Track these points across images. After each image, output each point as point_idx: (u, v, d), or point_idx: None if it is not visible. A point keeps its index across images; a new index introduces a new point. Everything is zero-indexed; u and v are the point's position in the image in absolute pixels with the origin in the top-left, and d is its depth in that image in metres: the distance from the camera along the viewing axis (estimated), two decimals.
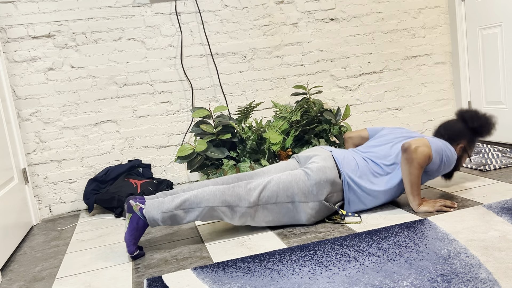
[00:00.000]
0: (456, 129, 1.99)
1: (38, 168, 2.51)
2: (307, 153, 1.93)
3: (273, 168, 1.94)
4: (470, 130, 1.99)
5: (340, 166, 1.83)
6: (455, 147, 1.98)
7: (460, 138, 1.98)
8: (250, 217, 1.76)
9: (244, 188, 1.75)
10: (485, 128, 1.98)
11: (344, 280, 1.30)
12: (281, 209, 1.78)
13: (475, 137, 2.01)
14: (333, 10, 2.91)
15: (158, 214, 1.69)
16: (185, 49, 2.68)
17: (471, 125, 1.99)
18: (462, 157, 2.01)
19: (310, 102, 2.55)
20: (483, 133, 1.99)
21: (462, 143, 1.98)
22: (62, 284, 1.56)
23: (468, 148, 2.01)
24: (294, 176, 1.78)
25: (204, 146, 2.26)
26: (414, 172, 1.77)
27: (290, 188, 1.76)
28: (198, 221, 1.76)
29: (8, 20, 2.40)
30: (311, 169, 1.79)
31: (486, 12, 2.84)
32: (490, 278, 1.21)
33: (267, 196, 1.75)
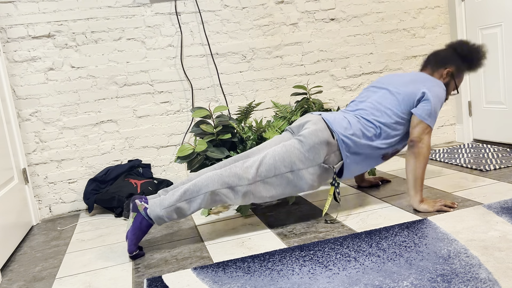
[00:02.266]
0: (444, 54, 1.99)
1: (38, 168, 2.51)
2: (298, 122, 1.92)
3: (268, 143, 1.93)
4: (458, 56, 1.98)
5: (332, 126, 1.81)
6: (442, 72, 1.97)
7: (447, 62, 1.97)
8: (253, 194, 1.75)
9: (241, 167, 1.75)
10: (474, 54, 1.96)
11: (344, 280, 1.30)
12: (281, 180, 1.77)
13: (463, 64, 1.98)
14: (333, 10, 2.91)
15: (161, 210, 1.69)
16: (185, 49, 2.68)
17: (459, 51, 1.97)
18: (449, 84, 1.99)
19: (310, 102, 2.56)
20: (472, 60, 1.97)
21: (450, 68, 1.96)
22: (62, 284, 1.56)
23: (456, 75, 1.98)
24: (289, 146, 1.78)
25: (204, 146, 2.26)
26: (420, 166, 1.79)
27: (287, 158, 1.75)
28: (201, 209, 1.75)
29: (8, 20, 2.40)
30: (303, 135, 1.78)
31: (486, 12, 2.84)
32: (490, 278, 1.21)
33: (265, 170, 1.74)
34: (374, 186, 2.33)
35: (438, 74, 1.98)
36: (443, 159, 2.67)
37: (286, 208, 2.15)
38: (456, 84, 1.99)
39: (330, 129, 1.81)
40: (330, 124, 1.82)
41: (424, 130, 1.81)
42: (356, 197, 2.18)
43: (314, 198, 2.25)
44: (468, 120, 3.10)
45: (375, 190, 2.25)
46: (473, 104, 3.06)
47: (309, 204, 2.16)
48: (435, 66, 1.98)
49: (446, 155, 2.76)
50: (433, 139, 3.20)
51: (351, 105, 2.01)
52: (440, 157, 2.72)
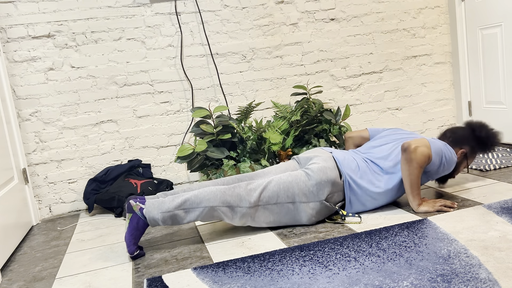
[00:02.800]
0: (461, 134, 2.00)
1: (38, 168, 2.51)
2: (307, 154, 1.93)
3: (274, 169, 1.95)
4: (475, 138, 2.00)
5: (341, 167, 1.83)
6: (456, 151, 1.99)
7: (463, 143, 1.99)
8: (251, 217, 1.77)
9: (245, 189, 1.76)
10: (490, 139, 1.99)
11: (344, 280, 1.30)
12: (281, 209, 1.78)
13: (478, 147, 2.01)
14: (333, 10, 2.91)
15: (158, 214, 1.69)
16: (185, 49, 2.68)
17: (477, 134, 2.00)
18: (461, 163, 2.01)
19: (310, 102, 2.55)
20: (487, 144, 2.00)
21: (465, 149, 1.98)
22: (62, 284, 1.56)
23: (469, 156, 2.01)
24: (295, 177, 1.79)
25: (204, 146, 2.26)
26: (414, 172, 1.77)
27: (291, 188, 1.76)
28: (198, 221, 1.76)
29: (8, 20, 2.40)
30: (311, 170, 1.79)
31: (486, 12, 2.84)
32: (490, 278, 1.21)
33: (268, 196, 1.75)
34: None
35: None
36: None
37: None
38: (468, 163, 2.02)
39: (338, 169, 1.82)
40: (339, 164, 1.84)
41: (423, 143, 1.78)
42: None
43: None
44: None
45: None
46: (473, 104, 3.06)
47: None
48: (451, 144, 2.00)
49: None
50: None
51: (365, 147, 2.02)
52: None
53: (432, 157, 1.79)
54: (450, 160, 1.84)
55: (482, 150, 2.03)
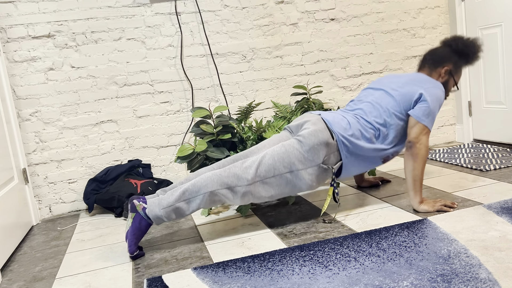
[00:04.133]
0: (440, 52, 1.98)
1: (38, 168, 2.51)
2: (297, 121, 1.91)
3: (267, 143, 1.93)
4: (454, 53, 1.98)
5: (331, 127, 1.81)
6: (440, 71, 1.97)
7: (444, 60, 1.97)
8: (252, 194, 1.75)
9: (240, 167, 1.75)
10: (469, 48, 1.96)
11: (344, 280, 1.30)
12: (280, 181, 1.77)
13: (460, 60, 1.98)
14: (333, 10, 2.91)
15: (160, 210, 1.69)
16: (185, 49, 2.68)
17: (455, 47, 1.97)
18: (448, 81, 1.99)
19: (310, 102, 2.56)
20: (468, 54, 1.97)
21: (447, 66, 1.96)
22: (62, 284, 1.56)
23: (454, 72, 1.98)
24: (288, 146, 1.77)
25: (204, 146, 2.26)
26: (419, 167, 1.78)
27: (286, 158, 1.75)
28: (201, 208, 1.75)
29: (8, 20, 2.40)
30: (303, 136, 1.78)
31: (486, 12, 2.84)
32: (490, 278, 1.21)
33: (265, 170, 1.74)
34: (374, 186, 2.33)
35: (436, 74, 1.98)
36: (443, 159, 2.68)
37: (286, 208, 2.15)
38: (455, 80, 2.00)
39: (329, 130, 1.81)
40: (329, 125, 1.82)
41: (422, 131, 1.81)
42: (356, 197, 2.18)
43: (314, 198, 2.25)
44: (468, 120, 3.10)
45: (375, 190, 2.25)
46: (473, 104, 3.06)
47: (309, 204, 2.16)
48: (433, 66, 1.98)
49: (446, 155, 2.76)
50: (433, 139, 3.20)
51: (350, 104, 2.01)
52: (440, 157, 2.72)
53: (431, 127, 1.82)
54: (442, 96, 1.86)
55: (465, 61, 1.99)
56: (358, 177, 2.35)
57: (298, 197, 2.32)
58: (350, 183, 2.45)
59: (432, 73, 1.99)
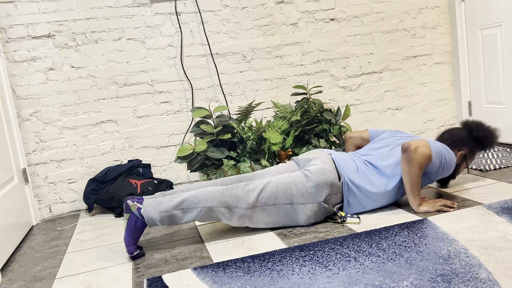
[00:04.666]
0: (459, 135, 2.00)
1: (38, 168, 2.51)
2: (306, 156, 1.93)
3: (272, 170, 1.94)
4: (473, 139, 2.01)
5: (340, 168, 1.83)
6: (455, 153, 1.99)
7: (462, 145, 1.99)
8: (249, 218, 1.76)
9: (243, 189, 1.75)
10: (488, 138, 1.99)
11: (344, 280, 1.30)
12: (279, 210, 1.78)
13: (477, 147, 2.02)
14: (333, 10, 2.91)
15: (156, 213, 1.69)
16: (185, 49, 2.68)
17: (475, 134, 2.00)
18: (461, 165, 2.02)
19: (310, 102, 2.55)
20: (485, 143, 2.00)
21: (463, 151, 1.99)
22: (62, 284, 1.56)
23: (468, 157, 2.01)
24: (293, 178, 1.78)
25: (204, 146, 2.26)
26: (414, 172, 1.77)
27: (289, 189, 1.76)
28: (196, 221, 1.76)
29: (8, 20, 2.40)
30: (310, 171, 1.79)
31: (486, 12, 2.84)
32: (490, 278, 1.21)
33: (266, 197, 1.75)
34: None
35: None
36: None
37: None
38: (467, 164, 2.03)
39: (337, 171, 1.82)
40: (338, 166, 1.83)
41: (423, 143, 1.78)
42: None
43: None
44: None
45: None
46: (473, 104, 3.06)
47: None
48: (449, 147, 2.00)
49: None
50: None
51: (364, 149, 2.02)
52: None
53: (432, 157, 1.79)
54: (450, 161, 1.84)
55: (481, 149, 2.04)
56: None
57: None
58: None
59: None
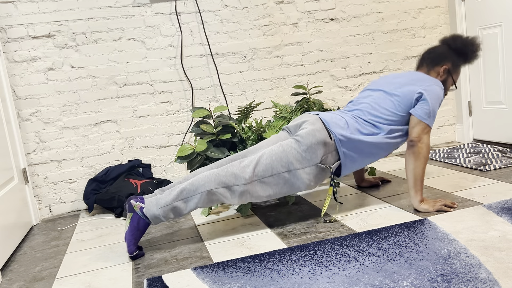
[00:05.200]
0: (438, 51, 1.99)
1: (38, 168, 2.51)
2: (295, 122, 1.91)
3: (265, 143, 1.93)
4: (453, 51, 1.98)
5: (329, 126, 1.81)
6: (438, 69, 1.97)
7: (443, 59, 1.97)
8: (250, 194, 1.75)
9: (238, 167, 1.75)
10: (467, 47, 1.96)
11: (344, 280, 1.30)
12: (278, 180, 1.77)
13: (459, 59, 1.98)
14: (333, 10, 2.91)
15: (158, 210, 1.69)
16: (185, 49, 2.68)
17: (453, 46, 1.97)
18: (447, 80, 1.99)
19: (310, 102, 2.55)
20: (467, 53, 1.97)
21: (446, 65, 1.97)
22: (62, 284, 1.56)
23: (452, 70, 1.98)
24: (286, 146, 1.78)
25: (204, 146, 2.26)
26: (420, 166, 1.79)
27: (284, 157, 1.75)
28: (199, 207, 1.75)
29: (8, 20, 2.40)
30: (300, 135, 1.78)
31: (486, 12, 2.84)
32: (490, 278, 1.21)
33: (262, 170, 1.74)
34: (374, 186, 2.33)
35: (434, 73, 1.98)
36: (443, 159, 2.67)
37: (286, 208, 2.15)
38: (453, 79, 2.00)
39: (327, 129, 1.81)
40: (327, 124, 1.82)
41: (423, 130, 1.81)
42: (356, 197, 2.18)
43: (314, 198, 2.25)
44: (468, 120, 3.10)
45: (375, 190, 2.25)
46: (473, 104, 3.06)
47: (309, 204, 2.16)
48: (431, 65, 1.99)
49: (446, 155, 2.76)
50: (433, 139, 3.20)
51: (348, 105, 2.01)
52: (440, 157, 2.72)
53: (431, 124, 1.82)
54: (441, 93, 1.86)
55: (464, 60, 2.00)
56: (358, 177, 2.35)
57: (298, 197, 2.32)
58: (350, 183, 2.45)
59: (430, 72, 1.99)
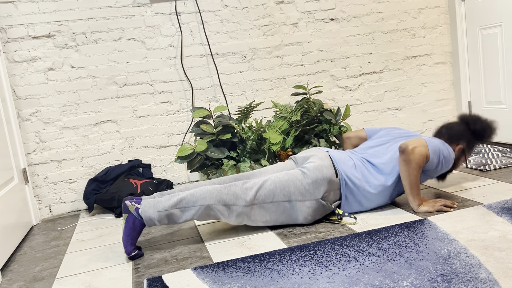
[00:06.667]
0: (457, 129, 2.00)
1: (38, 168, 2.51)
2: (304, 154, 1.94)
3: (271, 168, 1.95)
4: (470, 132, 2.00)
5: (337, 165, 1.83)
6: (454, 147, 1.99)
7: (459, 139, 1.99)
8: (247, 216, 1.76)
9: (241, 187, 1.75)
10: (486, 131, 1.99)
11: (344, 280, 1.30)
12: (278, 208, 1.78)
13: (475, 140, 2.01)
14: (333, 10, 2.91)
15: (154, 213, 1.69)
16: (185, 49, 2.68)
17: (472, 128, 2.00)
18: (459, 159, 2.01)
19: (310, 102, 2.55)
20: (483, 136, 2.00)
21: (461, 145, 1.99)
22: (62, 284, 1.56)
23: (466, 151, 2.01)
24: (291, 175, 1.79)
25: (204, 146, 2.26)
26: (413, 172, 1.77)
27: (287, 187, 1.76)
28: (195, 220, 1.76)
29: (8, 20, 2.40)
30: (307, 168, 1.79)
31: (486, 12, 2.84)
32: (490, 278, 1.21)
33: (264, 195, 1.75)
34: None
35: None
36: None
37: None
38: (466, 157, 2.03)
39: (335, 167, 1.82)
40: (335, 163, 1.84)
41: (420, 143, 1.78)
42: None
43: None
44: None
45: None
46: (473, 104, 3.06)
47: None
48: (448, 141, 2.00)
49: None
50: None
51: (361, 147, 2.03)
52: None
53: (430, 156, 1.79)
54: (448, 157, 1.85)
55: (479, 141, 2.03)
56: None
57: None
58: None
59: None
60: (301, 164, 1.92)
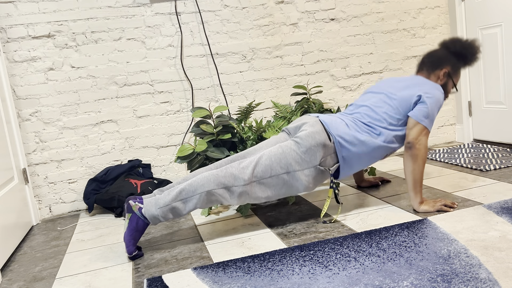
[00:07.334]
0: (438, 55, 1.99)
1: (38, 168, 2.51)
2: (295, 123, 1.92)
3: (264, 144, 1.93)
4: (452, 54, 1.98)
5: (329, 128, 1.82)
6: (438, 73, 1.97)
7: (442, 63, 1.97)
8: (248, 195, 1.75)
9: (237, 167, 1.75)
10: (467, 50, 1.96)
11: (344, 280, 1.30)
12: (277, 181, 1.77)
13: (459, 62, 1.99)
14: (333, 10, 2.91)
15: (157, 210, 1.69)
16: (185, 49, 2.68)
17: (453, 50, 1.98)
18: (447, 84, 1.99)
19: (310, 102, 2.55)
20: (466, 56, 1.97)
21: (446, 68, 1.97)
22: (62, 284, 1.56)
23: (452, 74, 1.98)
24: (285, 147, 1.78)
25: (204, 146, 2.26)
26: (418, 168, 1.78)
27: (283, 159, 1.76)
28: (199, 208, 1.75)
29: (8, 20, 2.40)
30: (300, 137, 1.79)
31: (486, 12, 2.84)
32: (490, 278, 1.21)
33: (262, 171, 1.75)
34: (374, 186, 2.33)
35: (435, 76, 1.98)
36: (443, 159, 2.67)
37: (286, 208, 2.15)
38: (454, 82, 2.00)
39: (327, 132, 1.81)
40: (327, 127, 1.82)
41: (421, 132, 1.81)
42: (356, 197, 2.18)
43: (314, 198, 2.25)
44: (468, 120, 3.10)
45: (375, 190, 2.25)
46: (473, 104, 3.06)
47: (309, 204, 2.16)
48: (431, 68, 1.98)
49: (446, 155, 2.76)
50: (433, 139, 3.20)
51: (349, 108, 2.02)
52: (440, 157, 2.72)
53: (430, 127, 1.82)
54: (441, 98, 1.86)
55: (464, 63, 2.00)
56: (358, 177, 2.35)
57: (298, 197, 2.32)
58: (350, 183, 2.45)
59: (430, 76, 1.99)
60: (294, 134, 1.91)
